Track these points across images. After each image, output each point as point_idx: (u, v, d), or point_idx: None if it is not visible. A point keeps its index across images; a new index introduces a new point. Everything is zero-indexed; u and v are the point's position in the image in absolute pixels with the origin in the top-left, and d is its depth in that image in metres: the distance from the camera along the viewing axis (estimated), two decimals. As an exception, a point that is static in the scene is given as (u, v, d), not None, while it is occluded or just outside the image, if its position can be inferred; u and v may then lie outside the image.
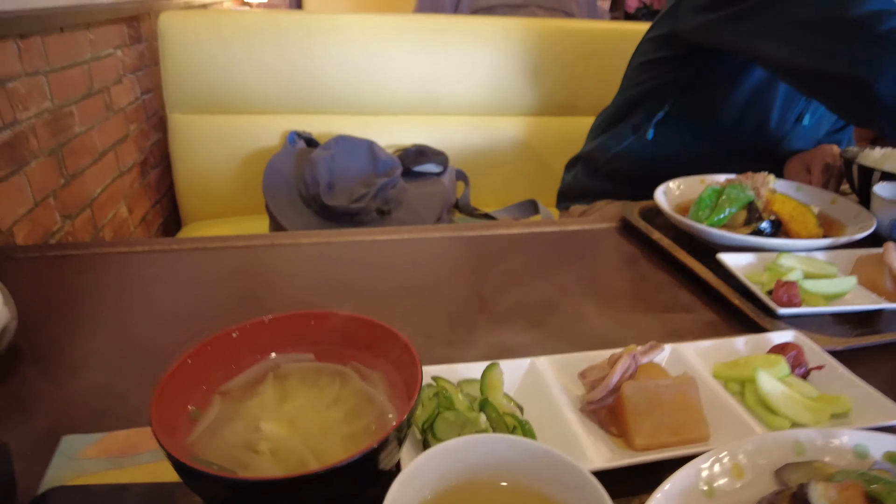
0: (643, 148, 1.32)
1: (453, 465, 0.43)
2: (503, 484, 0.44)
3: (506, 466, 0.44)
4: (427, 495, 0.42)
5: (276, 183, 1.63)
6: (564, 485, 0.42)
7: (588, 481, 0.40)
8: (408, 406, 0.47)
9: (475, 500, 0.43)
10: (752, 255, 0.89)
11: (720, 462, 0.49)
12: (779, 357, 0.64)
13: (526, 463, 0.43)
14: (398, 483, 0.39)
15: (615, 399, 0.57)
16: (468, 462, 0.44)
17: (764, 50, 1.05)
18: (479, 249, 1.02)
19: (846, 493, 0.44)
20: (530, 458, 0.43)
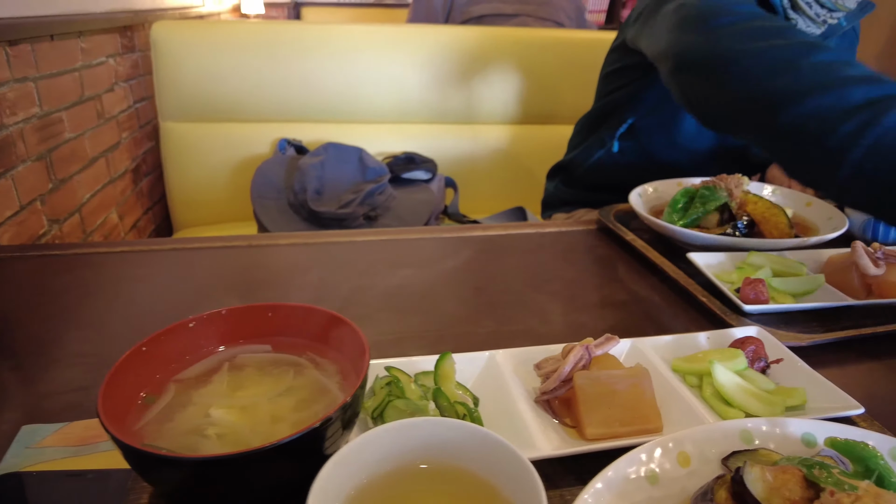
0: (612, 160, 1.35)
1: (391, 449, 0.44)
2: (443, 467, 0.44)
3: (447, 450, 0.44)
4: (363, 479, 0.42)
5: (265, 189, 1.64)
6: (501, 468, 0.42)
7: (522, 464, 0.41)
8: (353, 389, 0.47)
9: (413, 485, 0.43)
10: (722, 254, 0.90)
11: (666, 450, 0.49)
12: (737, 351, 0.64)
13: (466, 446, 0.44)
14: (329, 465, 0.40)
15: (568, 390, 0.57)
16: (408, 446, 0.44)
17: (653, 50, 1.03)
18: (457, 251, 1.03)
19: (783, 476, 0.44)
20: (470, 442, 0.44)
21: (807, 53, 0.75)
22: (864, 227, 0.98)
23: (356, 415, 0.50)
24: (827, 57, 0.75)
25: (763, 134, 0.81)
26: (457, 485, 0.44)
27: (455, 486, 0.44)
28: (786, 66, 0.75)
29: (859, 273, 0.84)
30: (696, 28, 0.88)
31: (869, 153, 0.67)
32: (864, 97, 0.69)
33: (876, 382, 0.72)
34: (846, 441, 0.48)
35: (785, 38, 0.78)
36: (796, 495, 0.44)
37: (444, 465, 0.44)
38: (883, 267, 0.83)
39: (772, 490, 0.43)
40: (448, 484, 0.43)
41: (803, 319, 0.80)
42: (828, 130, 0.70)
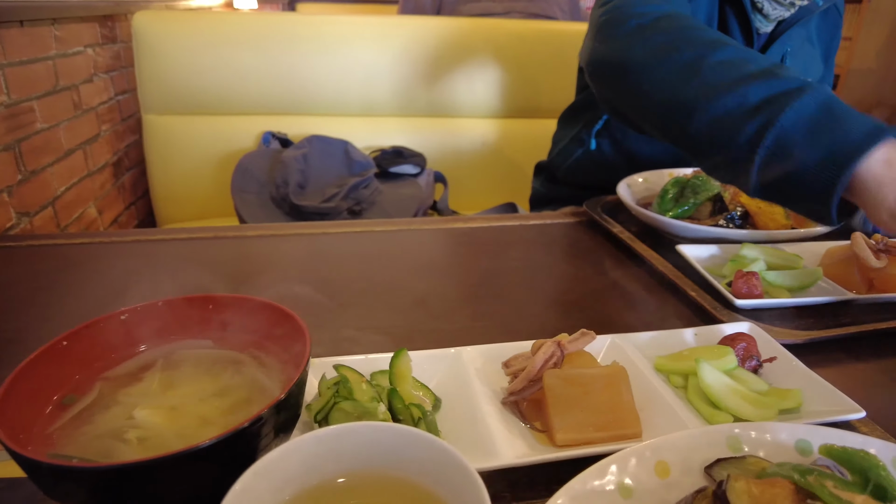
0: (591, 158, 1.30)
1: (323, 459, 0.38)
2: (383, 477, 0.39)
3: (388, 459, 0.39)
4: (286, 495, 0.37)
5: (246, 183, 1.59)
6: (448, 477, 0.37)
7: (468, 474, 0.35)
8: (289, 386, 0.42)
9: (346, 499, 0.38)
10: (714, 247, 0.84)
11: (642, 459, 0.44)
12: (726, 348, 0.59)
13: (409, 454, 0.38)
14: (246, 477, 0.35)
15: (537, 390, 0.52)
16: (343, 455, 0.39)
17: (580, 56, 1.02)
18: (436, 243, 0.98)
19: (772, 490, 0.39)
20: (413, 449, 0.38)
21: (709, 54, 0.74)
22: (864, 217, 0.92)
23: (294, 418, 0.45)
24: (727, 55, 0.73)
25: (681, 140, 0.78)
26: (398, 497, 0.38)
27: (396, 498, 0.38)
28: (690, 71, 0.74)
29: (860, 266, 0.79)
30: (606, 36, 0.87)
31: (770, 155, 0.66)
32: (762, 96, 0.67)
33: (878, 384, 0.66)
34: (843, 449, 0.42)
35: (687, 40, 0.77)
36: (787, 511, 0.38)
37: (385, 476, 0.39)
38: (885, 259, 0.78)
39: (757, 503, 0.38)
40: (388, 496, 0.38)
41: (800, 315, 0.75)
42: (734, 134, 0.68)
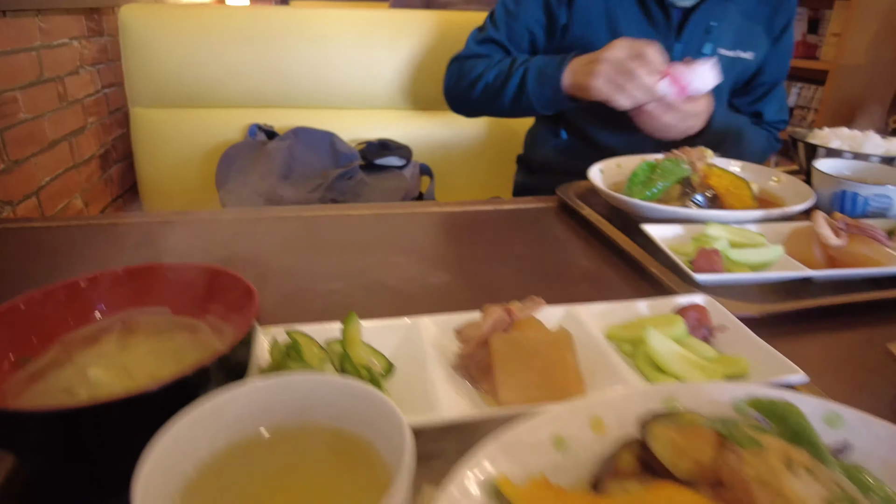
0: (563, 148, 1.32)
1: (257, 409, 0.39)
2: (317, 427, 0.40)
3: (321, 409, 0.40)
4: (220, 444, 0.38)
5: (231, 175, 1.60)
6: (379, 424, 0.38)
7: (396, 417, 0.37)
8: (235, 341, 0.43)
9: (279, 447, 0.39)
10: (679, 226, 0.86)
11: (576, 413, 0.45)
12: (676, 317, 0.60)
13: (343, 404, 0.40)
14: (178, 422, 0.36)
15: (486, 355, 0.53)
16: (275, 407, 0.40)
17: None
18: (410, 227, 0.99)
19: (694, 438, 0.40)
20: (347, 399, 0.39)
21: (498, 78, 1.28)
22: (832, 200, 0.94)
23: (239, 375, 0.46)
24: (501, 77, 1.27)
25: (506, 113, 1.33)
26: (332, 444, 0.39)
27: (331, 445, 0.39)
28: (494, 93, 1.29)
29: (821, 244, 0.80)
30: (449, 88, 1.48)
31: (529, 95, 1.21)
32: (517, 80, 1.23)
33: (831, 357, 0.67)
34: (768, 400, 0.43)
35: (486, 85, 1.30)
36: (707, 457, 0.39)
37: (317, 425, 0.40)
38: (845, 238, 0.79)
39: (680, 453, 0.39)
40: (318, 444, 0.39)
41: (761, 292, 0.76)
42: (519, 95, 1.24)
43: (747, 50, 1.26)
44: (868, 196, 0.92)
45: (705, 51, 1.23)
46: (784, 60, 1.34)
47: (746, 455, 0.36)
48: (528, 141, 1.56)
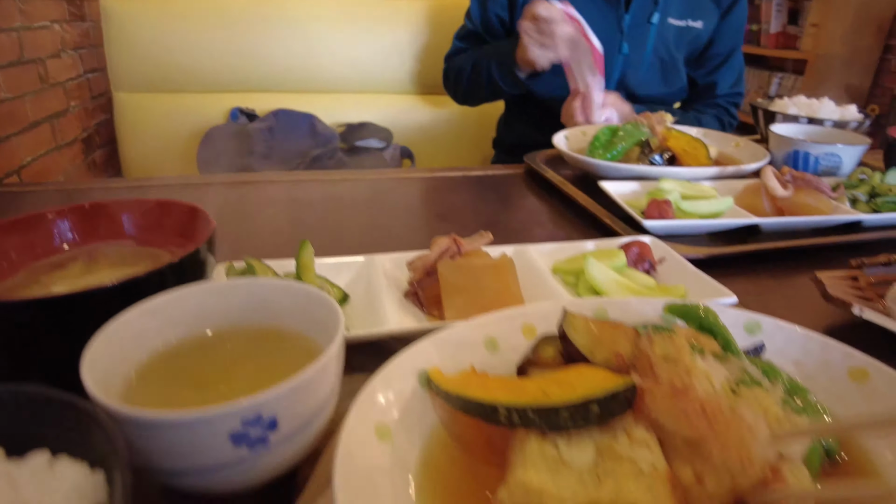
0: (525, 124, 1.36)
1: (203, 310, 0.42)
2: (259, 326, 0.43)
3: (265, 310, 0.43)
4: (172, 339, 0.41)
5: (211, 156, 1.63)
6: (316, 318, 0.41)
7: (329, 305, 0.40)
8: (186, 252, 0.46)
9: (219, 346, 0.42)
10: (636, 183, 0.89)
11: (510, 320, 0.48)
12: (617, 251, 0.63)
13: (284, 303, 0.43)
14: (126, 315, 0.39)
15: (435, 283, 0.56)
16: (220, 308, 0.43)
17: None
18: (387, 190, 1.02)
19: (612, 330, 0.43)
20: (286, 298, 0.43)
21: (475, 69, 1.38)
22: (785, 160, 0.98)
23: (192, 285, 0.49)
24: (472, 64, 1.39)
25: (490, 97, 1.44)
26: (273, 339, 0.42)
27: (271, 340, 0.42)
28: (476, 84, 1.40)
29: (769, 196, 0.83)
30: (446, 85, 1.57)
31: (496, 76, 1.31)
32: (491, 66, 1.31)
33: (768, 290, 0.71)
34: (683, 305, 0.47)
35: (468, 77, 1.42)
36: (626, 351, 0.43)
37: (260, 325, 0.43)
38: (791, 189, 0.83)
39: (597, 342, 0.42)
40: (263, 339, 0.42)
41: (710, 241, 0.79)
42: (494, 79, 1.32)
43: (696, 19, 1.31)
44: (819, 155, 0.96)
45: (653, 20, 1.26)
46: (736, 32, 1.37)
47: (656, 338, 0.39)
48: (501, 124, 1.61)
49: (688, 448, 0.33)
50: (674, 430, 0.33)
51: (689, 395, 0.35)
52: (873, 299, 0.64)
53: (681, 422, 0.33)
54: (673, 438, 0.34)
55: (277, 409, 0.33)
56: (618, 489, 0.31)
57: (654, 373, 0.37)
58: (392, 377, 0.41)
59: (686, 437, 0.33)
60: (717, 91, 1.40)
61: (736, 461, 0.31)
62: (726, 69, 1.38)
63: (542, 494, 0.32)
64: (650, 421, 0.35)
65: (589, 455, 0.34)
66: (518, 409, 0.35)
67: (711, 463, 0.32)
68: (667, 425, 0.34)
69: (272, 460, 0.35)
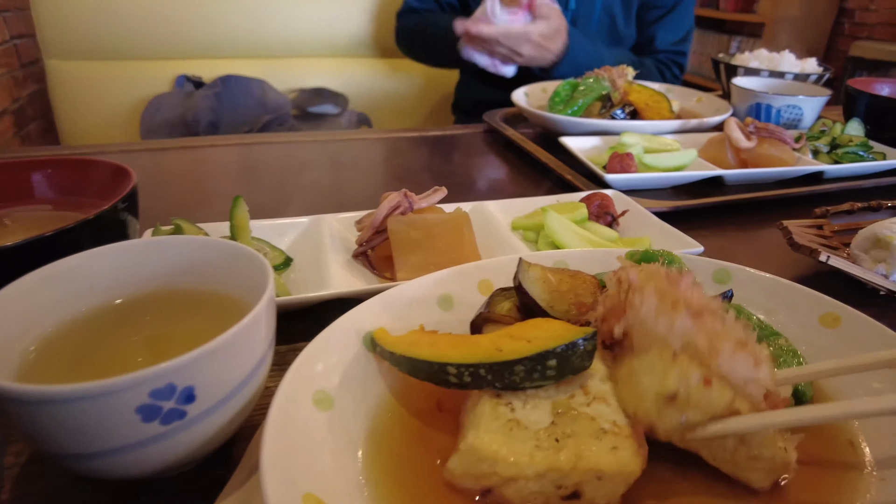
0: (483, 82, 1.33)
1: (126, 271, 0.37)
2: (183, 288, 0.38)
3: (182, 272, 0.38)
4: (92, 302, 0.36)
5: (155, 126, 1.54)
6: (245, 276, 0.37)
7: (259, 263, 0.35)
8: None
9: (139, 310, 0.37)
10: (597, 138, 0.86)
11: (465, 276, 0.44)
12: (578, 203, 0.60)
13: (212, 263, 0.38)
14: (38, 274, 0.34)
15: (385, 240, 0.52)
16: (147, 268, 0.38)
17: None
18: (340, 153, 0.96)
19: (572, 280, 0.40)
20: (215, 257, 0.38)
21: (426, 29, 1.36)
22: (747, 113, 0.96)
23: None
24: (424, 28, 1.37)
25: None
26: (197, 304, 0.38)
27: (195, 305, 0.38)
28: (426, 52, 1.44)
29: (732, 148, 0.81)
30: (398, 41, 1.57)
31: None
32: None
33: (733, 239, 0.69)
34: (644, 251, 0.44)
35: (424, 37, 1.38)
36: (587, 301, 0.39)
37: (183, 288, 0.38)
38: (755, 140, 0.81)
39: (555, 293, 0.39)
40: (186, 304, 0.38)
41: (674, 195, 0.77)
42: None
43: None
44: (780, 107, 0.94)
45: None
46: None
47: (631, 269, 0.35)
48: (459, 87, 1.56)
49: (688, 352, 0.29)
50: (668, 334, 0.30)
51: (680, 288, 0.31)
52: (838, 247, 0.62)
53: (678, 323, 0.29)
54: (664, 347, 0.30)
55: (194, 377, 0.29)
56: (579, 453, 0.28)
57: (636, 288, 0.33)
58: (333, 340, 0.37)
59: (689, 341, 0.29)
60: (656, 44, 1.32)
61: (744, 370, 0.28)
62: (669, 22, 1.31)
63: (496, 460, 0.28)
64: (635, 336, 0.31)
65: (546, 415, 0.31)
66: (469, 366, 0.32)
67: (718, 370, 0.29)
68: (659, 329, 0.30)
69: (193, 437, 0.30)
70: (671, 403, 0.29)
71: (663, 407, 0.29)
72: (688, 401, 0.28)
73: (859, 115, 0.94)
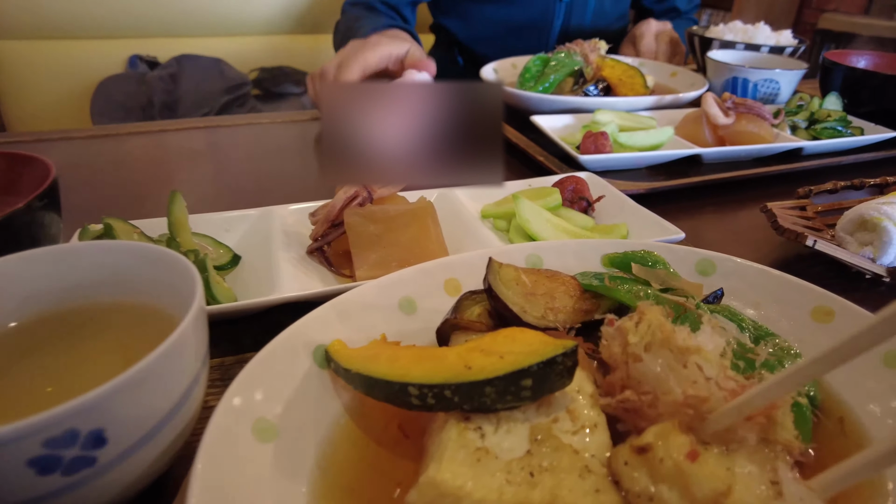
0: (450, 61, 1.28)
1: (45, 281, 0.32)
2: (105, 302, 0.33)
3: (117, 281, 0.34)
4: None
5: (107, 109, 1.45)
6: (170, 282, 0.32)
7: (186, 268, 0.30)
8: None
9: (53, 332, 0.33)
10: (570, 116, 0.82)
11: (428, 275, 0.40)
12: (551, 189, 0.56)
13: (135, 270, 0.33)
14: None
15: (342, 234, 0.47)
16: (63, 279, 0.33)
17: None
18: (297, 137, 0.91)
19: (549, 283, 0.36)
20: (140, 265, 0.33)
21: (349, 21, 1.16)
22: (723, 87, 0.93)
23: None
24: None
25: None
26: (119, 323, 0.33)
27: (117, 325, 0.33)
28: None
29: (710, 125, 0.78)
30: None
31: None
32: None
33: (714, 223, 0.66)
34: (624, 253, 0.40)
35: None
36: (567, 305, 0.36)
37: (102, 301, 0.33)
38: (733, 116, 0.78)
39: (529, 297, 0.35)
40: (104, 324, 0.33)
41: (650, 175, 0.74)
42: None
43: None
44: (757, 81, 0.91)
45: None
46: None
47: (625, 324, 0.31)
48: None
49: None
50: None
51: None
52: (822, 229, 0.60)
53: None
54: None
55: (101, 418, 0.24)
56: (555, 493, 0.24)
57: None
58: (278, 357, 0.32)
59: None
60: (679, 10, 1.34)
61: None
62: None
63: (459, 497, 0.25)
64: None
65: (522, 442, 0.27)
66: (433, 387, 0.28)
67: None
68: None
69: (110, 484, 0.26)
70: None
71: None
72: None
73: (836, 89, 0.92)
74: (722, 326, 0.31)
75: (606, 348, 0.30)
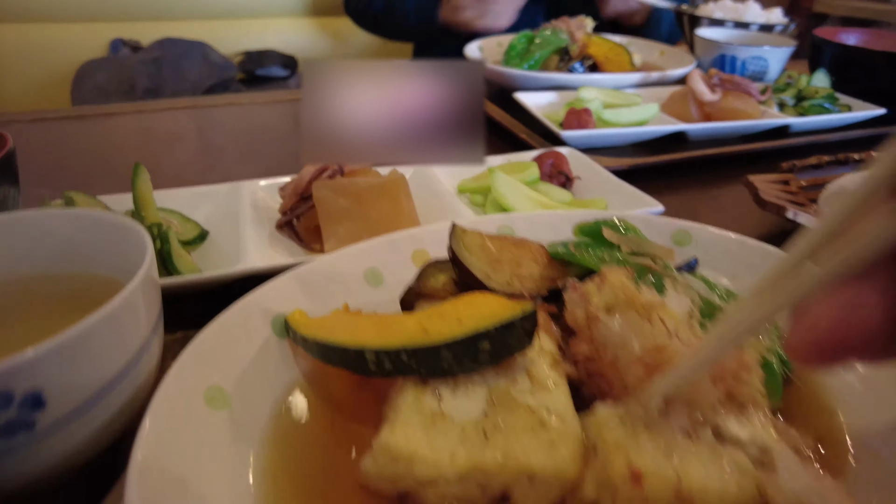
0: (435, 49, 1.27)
1: None
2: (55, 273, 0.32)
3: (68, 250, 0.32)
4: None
5: (89, 95, 1.43)
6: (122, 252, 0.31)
7: (136, 234, 0.29)
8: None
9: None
10: (554, 94, 0.80)
11: (394, 246, 0.39)
12: (529, 164, 0.55)
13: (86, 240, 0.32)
14: None
15: (311, 208, 0.46)
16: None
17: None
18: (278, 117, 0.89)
19: (516, 250, 0.35)
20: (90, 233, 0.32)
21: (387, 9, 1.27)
22: (712, 64, 0.92)
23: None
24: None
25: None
26: (73, 293, 0.32)
27: (70, 295, 0.32)
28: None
29: (696, 101, 0.77)
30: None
31: None
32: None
33: (696, 197, 0.65)
34: (595, 221, 0.39)
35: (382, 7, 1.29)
36: (534, 272, 0.35)
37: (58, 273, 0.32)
38: (719, 93, 0.76)
39: (495, 263, 0.34)
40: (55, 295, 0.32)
41: (635, 151, 0.72)
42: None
43: None
44: (746, 59, 0.90)
45: None
46: None
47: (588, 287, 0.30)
48: (417, 50, 1.49)
49: None
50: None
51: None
52: (805, 204, 0.59)
53: None
54: None
55: (38, 379, 0.23)
56: (508, 450, 0.23)
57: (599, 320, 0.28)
58: (235, 324, 0.31)
59: None
60: None
61: None
62: None
63: (413, 460, 0.24)
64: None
65: (479, 404, 0.26)
66: (390, 352, 0.27)
67: None
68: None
69: (52, 449, 0.25)
70: None
71: None
72: None
73: (825, 66, 0.90)
74: (689, 285, 0.31)
75: (570, 314, 0.29)
